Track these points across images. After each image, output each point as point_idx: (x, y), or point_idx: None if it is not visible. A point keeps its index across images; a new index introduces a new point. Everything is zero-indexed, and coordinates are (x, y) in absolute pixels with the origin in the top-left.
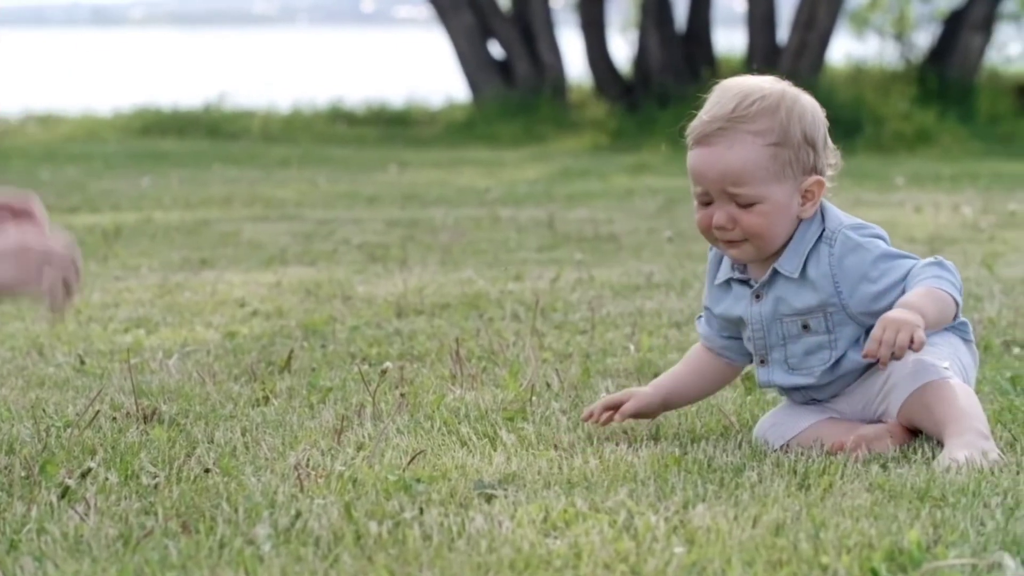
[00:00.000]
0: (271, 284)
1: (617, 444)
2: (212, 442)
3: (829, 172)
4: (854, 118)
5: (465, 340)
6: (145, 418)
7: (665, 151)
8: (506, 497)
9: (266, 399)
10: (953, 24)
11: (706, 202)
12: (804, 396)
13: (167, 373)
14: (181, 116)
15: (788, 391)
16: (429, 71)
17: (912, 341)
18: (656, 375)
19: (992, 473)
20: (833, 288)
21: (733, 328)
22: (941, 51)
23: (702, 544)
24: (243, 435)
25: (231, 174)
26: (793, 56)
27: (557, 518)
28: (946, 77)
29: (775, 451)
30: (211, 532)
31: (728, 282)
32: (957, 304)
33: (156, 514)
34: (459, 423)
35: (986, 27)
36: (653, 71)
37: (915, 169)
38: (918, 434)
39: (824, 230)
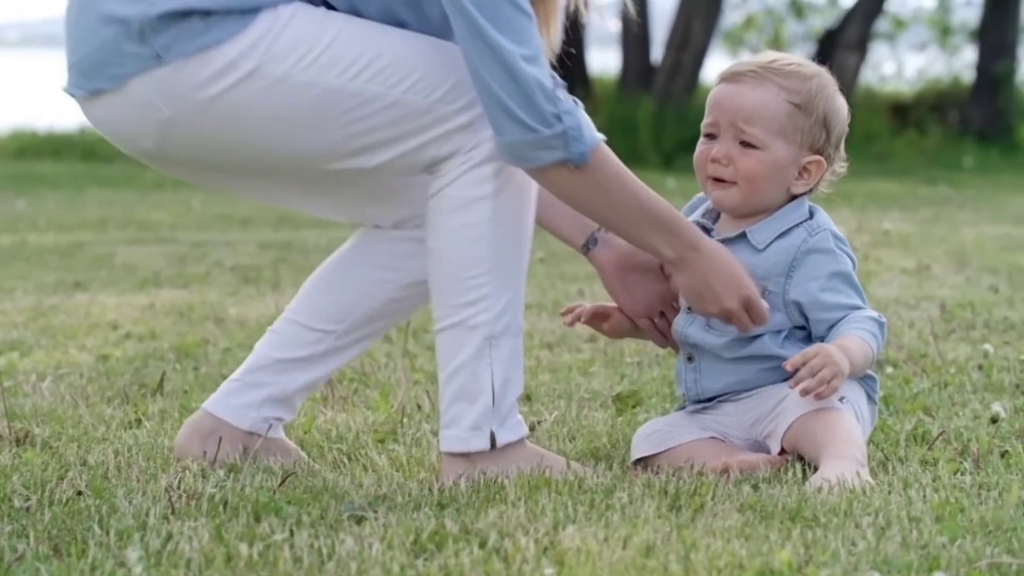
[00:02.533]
0: (144, 307)
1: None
2: (85, 465)
3: (830, 177)
4: None
5: None
6: (18, 441)
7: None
8: (376, 519)
9: (139, 421)
10: (828, 43)
11: (710, 135)
12: (695, 384)
13: (40, 396)
14: (57, 138)
15: (689, 352)
16: None
17: (829, 383)
18: (528, 396)
19: (864, 493)
20: (786, 269)
21: None
22: None
23: (572, 566)
24: (115, 457)
25: (106, 196)
26: (667, 76)
27: (427, 540)
28: None
29: (642, 469)
30: (83, 555)
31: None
32: (871, 366)
33: (28, 537)
34: (330, 445)
35: (861, 46)
36: None
37: None
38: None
39: (809, 219)
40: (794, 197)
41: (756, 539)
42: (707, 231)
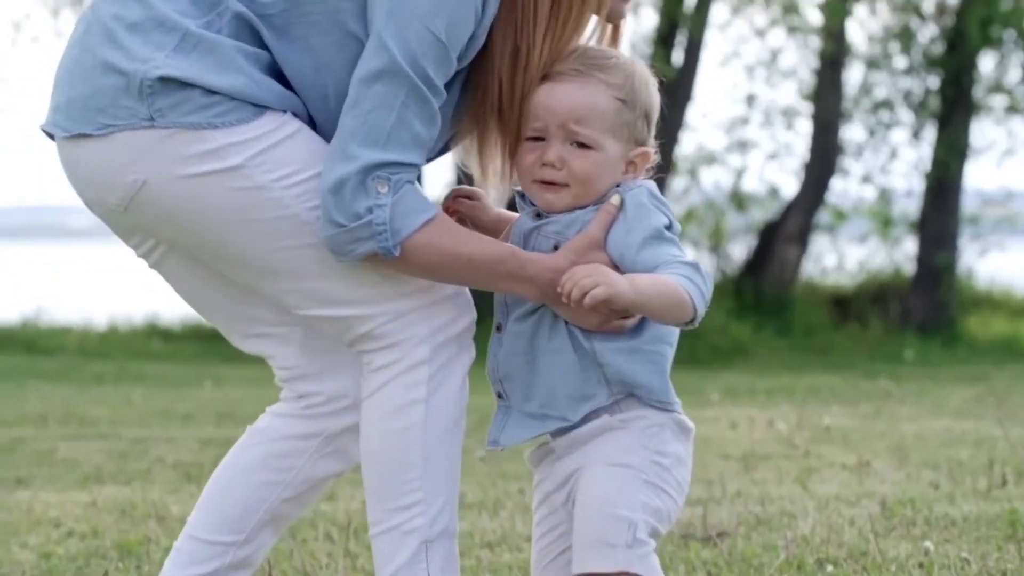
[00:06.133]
0: (86, 504)
1: None
2: None
3: (648, 166)
4: None
5: (278, 562)
6: None
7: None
8: None
9: None
10: (769, 236)
11: (538, 138)
12: (493, 357)
13: None
14: None
15: (499, 321)
16: None
17: (595, 290)
18: None
19: None
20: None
21: None
22: (757, 263)
23: None
24: None
25: (47, 391)
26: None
27: None
28: (762, 289)
29: None
30: None
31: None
32: (695, 311)
33: None
34: None
35: (801, 239)
36: None
37: (730, 383)
38: None
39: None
40: None
41: None
42: (539, 216)
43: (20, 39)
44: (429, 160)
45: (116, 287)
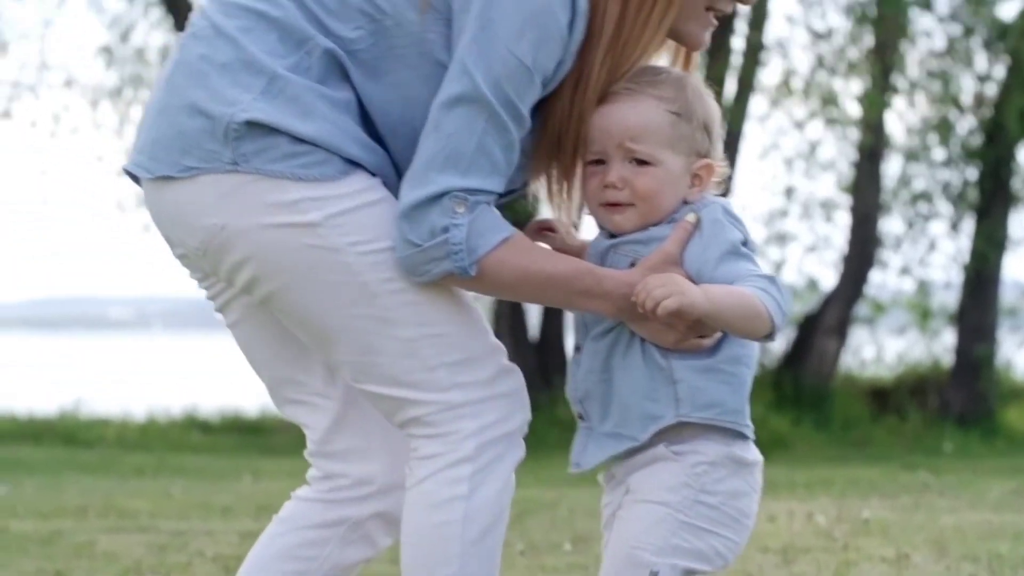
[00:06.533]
0: None
1: None
2: None
3: (715, 179)
4: None
5: None
6: None
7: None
8: None
9: None
10: (807, 329)
11: (599, 161)
12: (572, 378)
13: None
14: (36, 423)
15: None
16: None
17: (667, 300)
18: None
19: None
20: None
21: None
22: (796, 356)
23: None
24: None
25: (86, 483)
26: None
27: None
28: (801, 382)
29: None
30: None
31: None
32: (772, 323)
33: None
34: None
35: (840, 331)
36: None
37: (769, 476)
38: None
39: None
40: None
41: None
42: (612, 236)
43: (59, 131)
44: (512, 192)
45: (155, 379)
